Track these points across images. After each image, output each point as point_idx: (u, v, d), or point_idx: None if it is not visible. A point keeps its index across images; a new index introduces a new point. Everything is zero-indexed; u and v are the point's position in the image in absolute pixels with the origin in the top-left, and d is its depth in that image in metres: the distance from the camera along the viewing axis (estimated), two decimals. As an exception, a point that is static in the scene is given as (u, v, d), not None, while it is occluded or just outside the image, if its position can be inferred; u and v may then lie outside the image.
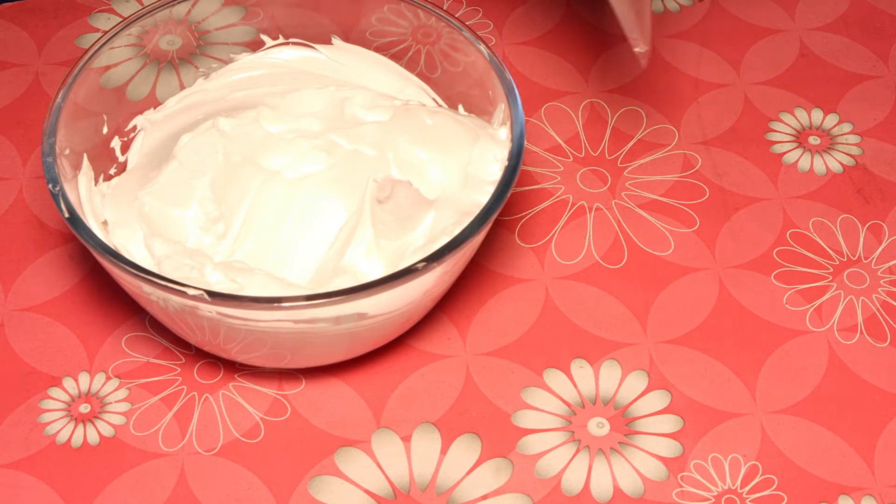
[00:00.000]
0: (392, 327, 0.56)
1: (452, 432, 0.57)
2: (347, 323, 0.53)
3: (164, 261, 0.56)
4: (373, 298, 0.52)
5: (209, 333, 0.54)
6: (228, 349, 0.56)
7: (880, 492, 0.56)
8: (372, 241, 0.56)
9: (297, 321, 0.52)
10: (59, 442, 0.57)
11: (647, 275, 0.63)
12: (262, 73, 0.65)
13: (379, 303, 0.52)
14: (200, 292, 0.50)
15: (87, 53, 0.59)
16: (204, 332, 0.54)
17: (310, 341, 0.54)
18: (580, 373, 0.59)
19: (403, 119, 0.61)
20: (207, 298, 0.50)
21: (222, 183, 0.59)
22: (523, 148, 0.56)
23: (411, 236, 0.56)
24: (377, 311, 0.53)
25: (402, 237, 0.57)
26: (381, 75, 0.65)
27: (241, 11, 0.66)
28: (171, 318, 0.54)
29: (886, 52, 0.75)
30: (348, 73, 0.65)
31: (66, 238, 0.64)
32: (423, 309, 0.57)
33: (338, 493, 0.55)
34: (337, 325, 0.53)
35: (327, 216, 0.58)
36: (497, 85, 0.59)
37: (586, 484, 0.56)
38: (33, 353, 0.60)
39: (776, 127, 0.71)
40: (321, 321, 0.52)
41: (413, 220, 0.57)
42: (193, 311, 0.52)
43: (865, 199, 0.67)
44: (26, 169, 0.67)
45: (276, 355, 0.56)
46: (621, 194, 0.67)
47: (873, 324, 0.62)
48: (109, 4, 0.76)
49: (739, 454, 0.57)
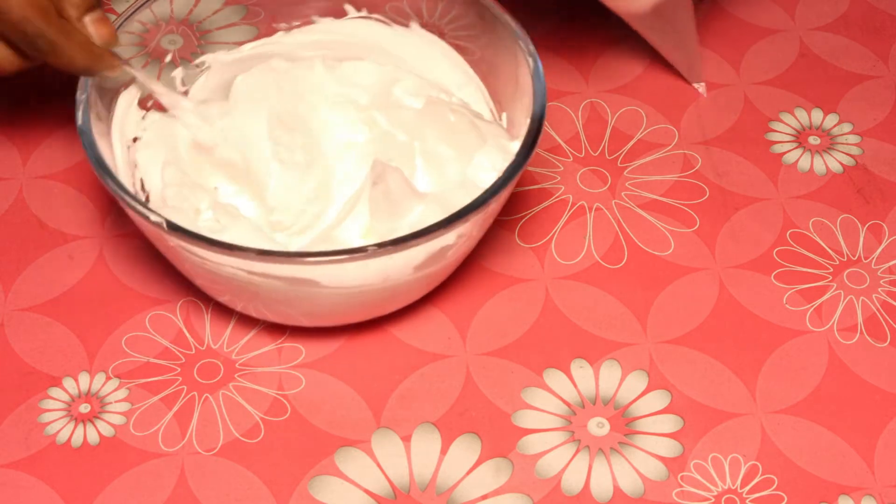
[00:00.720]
0: (352, 305, 0.57)
1: (452, 432, 0.57)
2: (302, 287, 0.54)
3: (168, 188, 0.59)
4: (322, 268, 0.53)
5: (175, 260, 0.57)
6: (195, 282, 0.58)
7: (880, 492, 0.56)
8: (368, 223, 0.58)
9: (250, 272, 0.53)
10: (59, 442, 0.57)
11: (647, 275, 0.63)
12: (336, 38, 0.66)
13: (331, 274, 0.53)
14: (161, 220, 0.52)
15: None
16: (171, 255, 0.57)
17: (264, 295, 0.56)
18: (580, 373, 0.59)
19: (433, 112, 0.62)
20: (165, 228, 0.52)
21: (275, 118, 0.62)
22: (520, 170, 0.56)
23: (400, 224, 0.57)
24: (331, 283, 0.54)
25: (392, 223, 0.57)
26: (445, 68, 0.65)
27: (241, 11, 0.66)
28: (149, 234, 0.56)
29: (886, 52, 0.75)
30: (413, 58, 0.66)
31: (66, 238, 0.64)
32: (390, 296, 0.58)
33: (338, 493, 0.55)
34: (291, 286, 0.54)
35: (346, 188, 0.61)
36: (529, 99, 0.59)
37: (586, 484, 0.56)
38: (33, 353, 0.60)
39: (776, 127, 0.71)
40: (273, 278, 0.54)
41: (401, 208, 0.57)
42: (161, 236, 0.54)
43: (865, 199, 0.67)
44: (26, 169, 0.67)
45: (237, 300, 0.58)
46: (621, 194, 0.67)
47: (873, 324, 0.62)
48: (109, 4, 0.76)
49: (739, 454, 0.57)
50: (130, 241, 0.64)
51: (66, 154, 0.68)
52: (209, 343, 0.60)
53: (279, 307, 0.57)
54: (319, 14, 0.66)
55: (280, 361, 0.60)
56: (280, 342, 0.60)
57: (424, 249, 0.54)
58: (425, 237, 0.53)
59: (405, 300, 0.59)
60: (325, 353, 0.60)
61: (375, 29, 0.66)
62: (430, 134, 0.61)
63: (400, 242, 0.52)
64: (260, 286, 0.54)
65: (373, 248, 0.52)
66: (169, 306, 0.61)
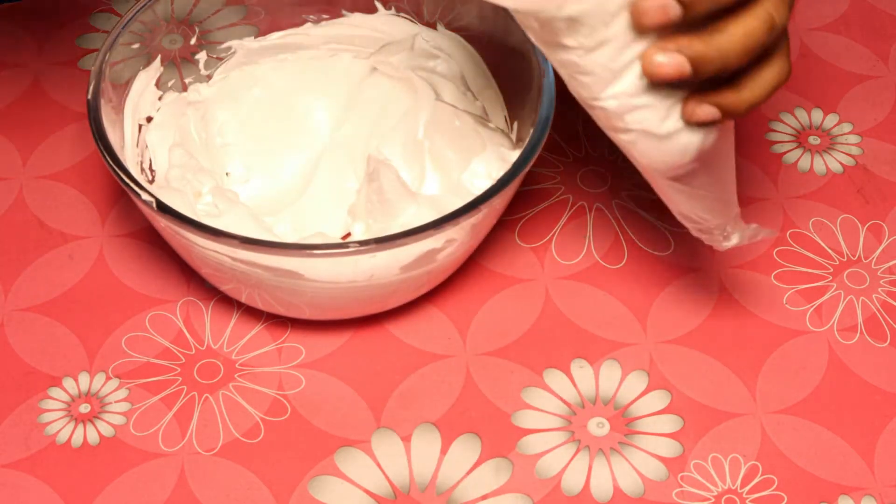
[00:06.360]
0: (338, 299, 0.57)
1: (452, 432, 0.57)
2: (286, 278, 0.54)
3: (173, 169, 0.60)
4: (305, 261, 0.53)
5: (170, 241, 0.58)
6: (189, 263, 0.59)
7: (880, 492, 0.56)
8: (368, 222, 0.58)
9: (235, 259, 0.54)
10: (59, 442, 0.57)
11: (647, 275, 0.63)
12: (363, 33, 0.67)
13: (313, 268, 0.54)
14: (151, 200, 0.53)
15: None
16: (166, 236, 0.57)
17: (247, 282, 0.56)
18: (580, 373, 0.59)
19: (442, 115, 0.62)
20: (154, 208, 0.53)
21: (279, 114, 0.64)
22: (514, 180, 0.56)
23: (392, 224, 0.57)
24: (314, 276, 0.54)
25: (385, 222, 0.58)
26: (468, 69, 0.66)
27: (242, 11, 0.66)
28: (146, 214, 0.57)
29: (886, 52, 0.75)
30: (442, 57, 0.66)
31: (66, 238, 0.64)
32: (378, 294, 0.58)
33: (338, 493, 0.55)
34: (276, 276, 0.54)
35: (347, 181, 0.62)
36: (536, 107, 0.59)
37: (586, 484, 0.56)
38: (33, 353, 0.60)
39: (776, 127, 0.71)
40: (258, 267, 0.54)
41: (394, 207, 0.57)
42: (153, 217, 0.55)
43: (865, 199, 0.67)
44: (26, 169, 0.67)
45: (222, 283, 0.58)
46: (621, 194, 0.67)
47: (873, 324, 0.62)
48: (109, 4, 0.76)
49: (739, 454, 0.57)
50: (130, 241, 0.64)
51: (66, 154, 0.68)
52: (209, 343, 0.60)
53: (265, 295, 0.57)
54: (347, 9, 0.67)
55: (280, 361, 0.60)
56: (280, 342, 0.60)
57: (411, 251, 0.54)
58: (408, 238, 0.53)
59: (396, 300, 0.59)
60: (325, 353, 0.60)
61: (399, 26, 0.67)
62: (438, 137, 0.61)
63: (382, 242, 0.53)
64: (246, 274, 0.55)
65: (355, 245, 0.52)
66: (169, 306, 0.62)
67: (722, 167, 0.52)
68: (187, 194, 0.59)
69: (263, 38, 0.67)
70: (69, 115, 0.70)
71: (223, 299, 0.62)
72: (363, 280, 0.55)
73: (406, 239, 0.53)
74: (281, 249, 0.53)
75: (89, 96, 0.57)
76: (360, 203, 0.59)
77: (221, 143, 0.64)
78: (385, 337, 0.61)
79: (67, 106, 0.70)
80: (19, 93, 0.71)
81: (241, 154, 0.64)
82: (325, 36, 0.67)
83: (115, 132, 0.59)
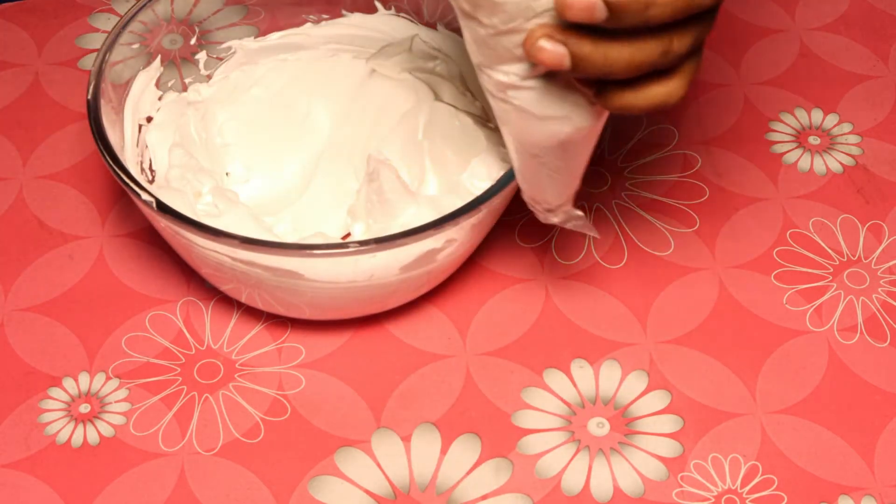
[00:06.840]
0: (338, 299, 0.57)
1: (452, 432, 0.57)
2: (285, 277, 0.54)
3: (173, 169, 0.60)
4: (305, 261, 0.53)
5: (170, 241, 0.58)
6: (189, 263, 0.59)
7: (880, 492, 0.56)
8: (368, 222, 0.58)
9: (235, 259, 0.54)
10: (59, 442, 0.57)
11: (647, 275, 0.63)
12: (364, 33, 0.67)
13: (313, 268, 0.54)
14: (151, 200, 0.53)
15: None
16: (166, 236, 0.57)
17: (247, 282, 0.56)
18: (580, 373, 0.59)
19: (442, 115, 0.62)
20: (154, 208, 0.53)
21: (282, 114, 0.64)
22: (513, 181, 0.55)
23: (392, 224, 0.57)
24: (314, 276, 0.54)
25: (385, 222, 0.58)
26: (471, 69, 0.65)
27: (242, 11, 0.66)
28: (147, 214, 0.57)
29: (886, 52, 0.75)
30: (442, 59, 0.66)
31: (66, 238, 0.64)
32: (378, 294, 0.58)
33: (338, 493, 0.55)
34: (275, 276, 0.54)
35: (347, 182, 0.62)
36: None
37: (586, 484, 0.56)
38: (33, 353, 0.60)
39: (776, 127, 0.71)
40: (258, 267, 0.54)
41: (394, 207, 0.57)
42: (153, 217, 0.55)
43: (865, 199, 0.67)
44: (26, 169, 0.67)
45: (222, 283, 0.58)
46: (621, 194, 0.67)
47: (873, 324, 0.62)
48: (109, 4, 0.76)
49: (739, 454, 0.57)
50: (130, 241, 0.64)
51: (66, 154, 0.68)
52: (209, 343, 0.60)
53: (265, 295, 0.57)
54: (347, 9, 0.67)
55: (280, 361, 0.60)
56: (280, 342, 0.60)
57: (411, 251, 0.54)
58: (408, 238, 0.53)
59: (396, 300, 0.59)
60: (325, 353, 0.60)
61: (400, 25, 0.67)
62: (438, 137, 0.61)
63: (382, 242, 0.53)
64: (246, 274, 0.55)
65: (355, 245, 0.52)
66: (169, 306, 0.62)
67: (579, 158, 0.53)
68: (187, 194, 0.59)
69: (263, 38, 0.67)
70: (69, 115, 0.70)
71: (223, 299, 0.62)
72: (363, 280, 0.55)
73: (406, 239, 0.53)
74: (281, 249, 0.53)
75: (89, 96, 0.57)
76: (359, 203, 0.59)
77: (221, 143, 0.64)
78: (385, 337, 0.61)
79: (67, 106, 0.70)
80: (19, 93, 0.71)
81: (241, 154, 0.64)
82: (325, 36, 0.67)
83: (115, 132, 0.59)
